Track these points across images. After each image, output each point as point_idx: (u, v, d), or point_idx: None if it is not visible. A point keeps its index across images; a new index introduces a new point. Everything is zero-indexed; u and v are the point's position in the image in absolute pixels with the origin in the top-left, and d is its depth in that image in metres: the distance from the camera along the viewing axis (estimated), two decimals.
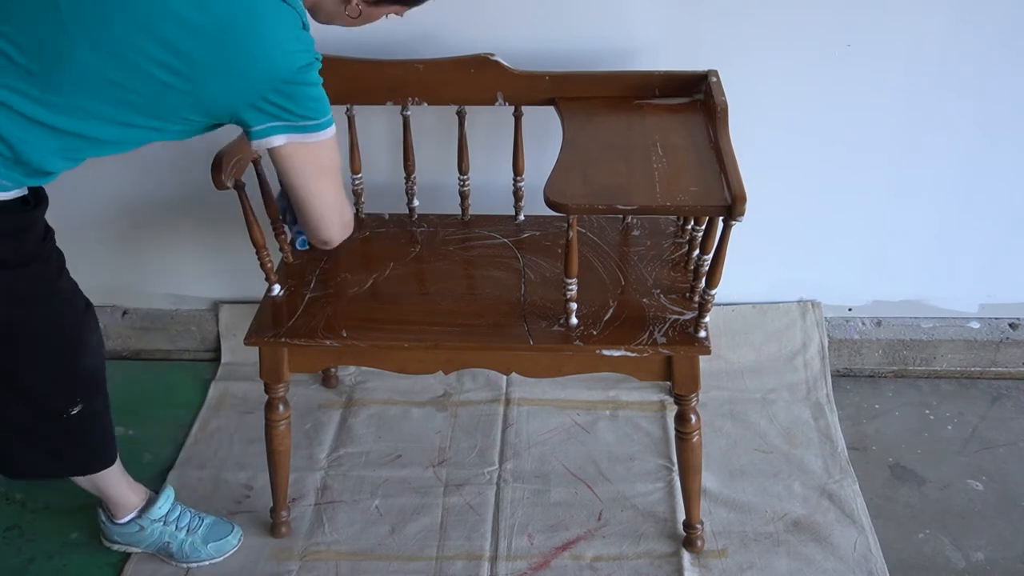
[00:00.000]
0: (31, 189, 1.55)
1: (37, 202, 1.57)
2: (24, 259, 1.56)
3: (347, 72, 1.98)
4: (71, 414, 1.73)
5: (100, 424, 1.82)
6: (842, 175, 2.27)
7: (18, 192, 1.51)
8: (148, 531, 1.97)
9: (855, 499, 2.09)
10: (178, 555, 1.98)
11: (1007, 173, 2.26)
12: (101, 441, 1.85)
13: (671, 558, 1.98)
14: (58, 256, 1.66)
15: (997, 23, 2.06)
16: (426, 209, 2.17)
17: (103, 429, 1.84)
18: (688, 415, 1.86)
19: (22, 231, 1.54)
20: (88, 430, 1.79)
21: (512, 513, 2.09)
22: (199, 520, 2.01)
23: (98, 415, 1.80)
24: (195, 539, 1.98)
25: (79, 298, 1.71)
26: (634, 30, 2.10)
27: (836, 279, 2.44)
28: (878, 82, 2.14)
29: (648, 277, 1.94)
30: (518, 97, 2.01)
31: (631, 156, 1.78)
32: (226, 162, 1.72)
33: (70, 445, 1.79)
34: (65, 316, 1.67)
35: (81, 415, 1.74)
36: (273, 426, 1.93)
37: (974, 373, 2.48)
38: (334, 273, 1.98)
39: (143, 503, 1.98)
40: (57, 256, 1.65)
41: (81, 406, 1.73)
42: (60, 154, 1.48)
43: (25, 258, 1.56)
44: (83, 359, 1.72)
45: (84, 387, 1.74)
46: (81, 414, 1.74)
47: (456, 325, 1.83)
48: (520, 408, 2.36)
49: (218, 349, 2.57)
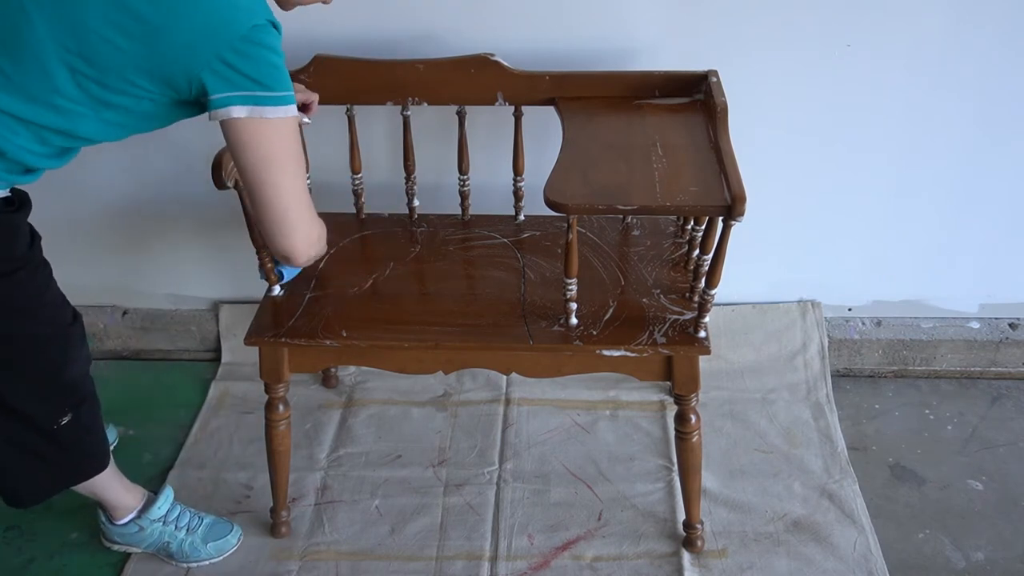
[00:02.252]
0: (14, 191, 1.53)
1: (20, 205, 1.55)
2: (10, 267, 1.54)
3: (347, 72, 1.98)
4: (61, 425, 1.72)
5: (91, 430, 1.80)
6: (842, 175, 2.27)
7: (1, 192, 1.50)
8: (148, 531, 1.97)
9: (855, 499, 2.09)
10: (178, 555, 1.98)
11: (1007, 173, 2.26)
12: (92, 446, 1.83)
13: (671, 558, 1.98)
14: (45, 266, 1.63)
15: (997, 23, 2.06)
16: (426, 209, 2.17)
17: (95, 435, 1.82)
18: (688, 415, 1.86)
19: (7, 235, 1.52)
20: (80, 439, 1.78)
21: (512, 513, 2.09)
22: (199, 520, 2.01)
23: (88, 421, 1.78)
24: (195, 539, 1.98)
25: (67, 311, 1.69)
26: (634, 30, 2.10)
27: (836, 279, 2.44)
28: (878, 82, 2.14)
29: (648, 277, 1.94)
30: (518, 97, 2.01)
31: (631, 156, 1.78)
32: (226, 162, 1.72)
33: (63, 455, 1.77)
34: (53, 331, 1.65)
35: (71, 425, 1.73)
36: (273, 426, 1.93)
37: (974, 373, 2.48)
38: (334, 273, 1.98)
39: (141, 504, 1.98)
40: (44, 266, 1.63)
41: (70, 416, 1.72)
42: (37, 145, 1.47)
43: (11, 266, 1.54)
44: (69, 371, 1.70)
45: (71, 397, 1.73)
46: (71, 424, 1.73)
47: (456, 325, 1.83)
48: (520, 408, 2.36)
49: (218, 349, 2.57)
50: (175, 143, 2.23)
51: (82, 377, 1.75)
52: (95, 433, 1.82)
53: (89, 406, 1.78)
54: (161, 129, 1.58)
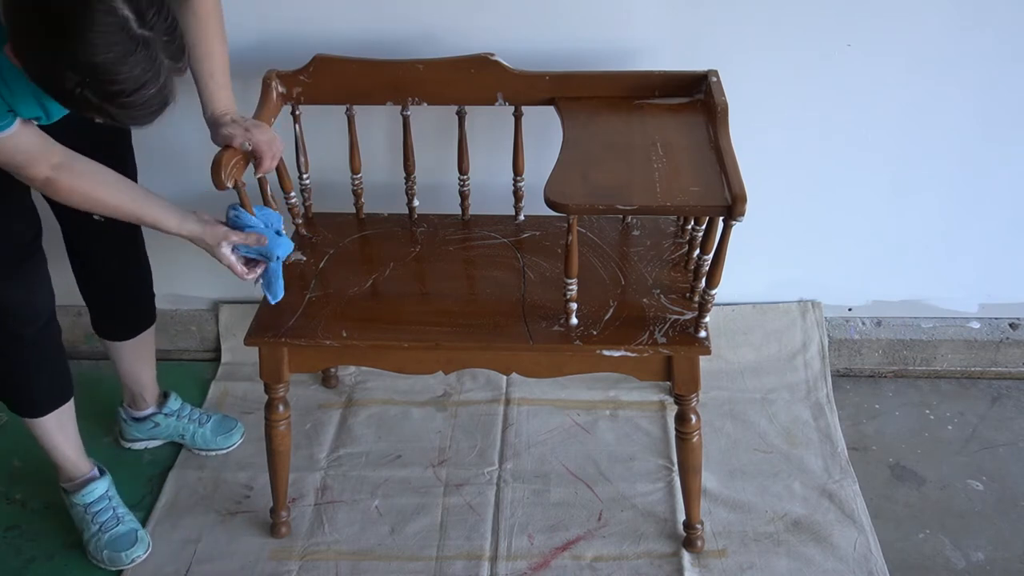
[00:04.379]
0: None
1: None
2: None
3: (347, 72, 1.98)
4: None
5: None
6: (842, 175, 2.27)
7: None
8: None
9: (855, 499, 2.09)
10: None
11: (1007, 173, 2.26)
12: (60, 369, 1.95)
13: (671, 558, 1.98)
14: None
15: (998, 23, 2.06)
16: (426, 209, 2.17)
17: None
18: (688, 415, 1.86)
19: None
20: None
21: (512, 513, 2.09)
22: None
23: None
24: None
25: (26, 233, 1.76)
26: (634, 30, 2.10)
27: (836, 279, 2.44)
28: (878, 82, 2.14)
29: (648, 277, 1.94)
30: (518, 97, 2.01)
31: (631, 156, 1.78)
32: (226, 162, 1.72)
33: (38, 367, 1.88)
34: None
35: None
36: (273, 426, 1.93)
37: (974, 373, 2.48)
38: (334, 273, 1.98)
39: (90, 470, 2.06)
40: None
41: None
42: None
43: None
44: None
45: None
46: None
47: (456, 325, 1.83)
48: (520, 408, 2.36)
49: (218, 349, 2.57)
50: (174, 143, 2.23)
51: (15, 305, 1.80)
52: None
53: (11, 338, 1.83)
54: (160, 129, 1.58)
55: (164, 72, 1.32)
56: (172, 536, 2.06)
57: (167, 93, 1.35)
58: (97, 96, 1.29)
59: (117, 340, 2.13)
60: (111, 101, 1.30)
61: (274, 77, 1.98)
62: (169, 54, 1.32)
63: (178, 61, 1.35)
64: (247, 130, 1.74)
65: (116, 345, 2.14)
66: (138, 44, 1.27)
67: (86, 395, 2.28)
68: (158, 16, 1.29)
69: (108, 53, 1.25)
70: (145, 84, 1.30)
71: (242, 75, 1.94)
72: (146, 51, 1.28)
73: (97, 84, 1.28)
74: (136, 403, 2.24)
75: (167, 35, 1.31)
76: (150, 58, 1.29)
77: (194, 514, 2.11)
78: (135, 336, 2.13)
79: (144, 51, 1.28)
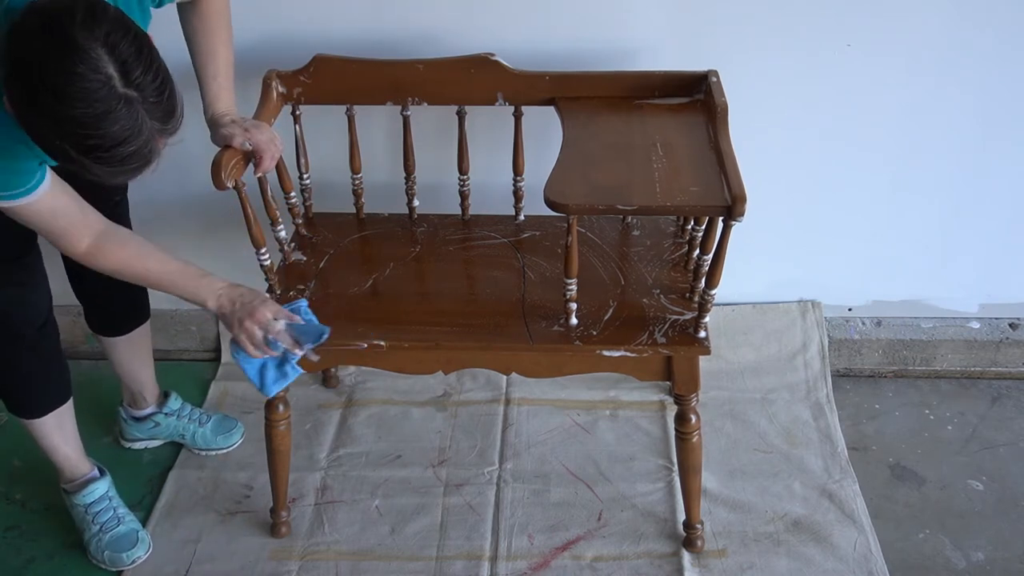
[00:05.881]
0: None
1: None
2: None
3: (347, 72, 1.98)
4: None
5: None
6: (842, 175, 2.27)
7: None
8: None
9: (855, 499, 2.09)
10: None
11: (1007, 173, 2.26)
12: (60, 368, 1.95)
13: (671, 558, 1.98)
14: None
15: (997, 22, 2.06)
16: (426, 209, 2.17)
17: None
18: (688, 415, 1.86)
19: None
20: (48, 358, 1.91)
21: (512, 513, 2.09)
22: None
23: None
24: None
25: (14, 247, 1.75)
26: (634, 30, 2.10)
27: (836, 279, 2.44)
28: (878, 82, 2.14)
29: (648, 277, 1.94)
30: (518, 97, 2.01)
31: (631, 156, 1.78)
32: (226, 162, 1.72)
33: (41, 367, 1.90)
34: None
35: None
36: (273, 426, 1.93)
37: (974, 373, 2.48)
38: (334, 273, 1.98)
39: (89, 471, 2.05)
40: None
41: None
42: None
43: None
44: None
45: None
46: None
47: (456, 325, 1.83)
48: (520, 408, 2.36)
49: (218, 349, 2.57)
50: (174, 143, 2.22)
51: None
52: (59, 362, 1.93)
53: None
54: None
55: (147, 131, 1.31)
56: (172, 536, 2.06)
57: (148, 152, 1.34)
58: (75, 150, 1.29)
59: (111, 336, 2.13)
60: (88, 155, 1.30)
61: (274, 77, 1.98)
62: (156, 115, 1.31)
63: (166, 123, 1.34)
64: (247, 130, 1.75)
65: (111, 341, 2.14)
66: (120, 102, 1.27)
67: (86, 395, 2.29)
68: (145, 76, 1.29)
69: (88, 108, 1.25)
70: (124, 141, 1.29)
71: (242, 75, 1.94)
72: (127, 109, 1.28)
73: (75, 137, 1.28)
74: (136, 402, 2.24)
75: (155, 96, 1.31)
76: (132, 116, 1.28)
77: (194, 514, 2.11)
78: (129, 332, 2.13)
79: (126, 109, 1.27)
